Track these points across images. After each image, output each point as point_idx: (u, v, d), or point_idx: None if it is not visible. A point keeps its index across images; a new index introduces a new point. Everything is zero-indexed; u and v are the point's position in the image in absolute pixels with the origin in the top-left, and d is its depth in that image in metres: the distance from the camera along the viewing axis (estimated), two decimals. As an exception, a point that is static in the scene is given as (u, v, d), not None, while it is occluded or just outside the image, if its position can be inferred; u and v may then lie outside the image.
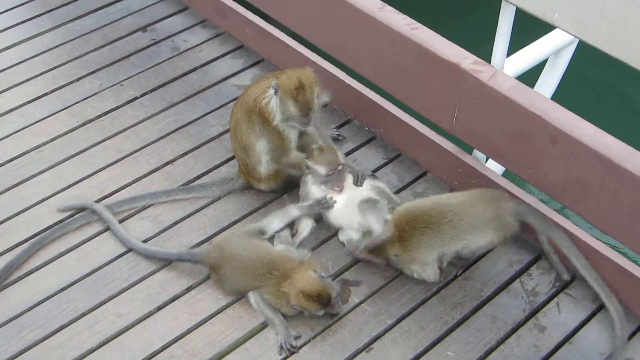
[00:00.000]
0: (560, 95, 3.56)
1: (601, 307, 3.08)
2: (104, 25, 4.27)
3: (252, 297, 2.97)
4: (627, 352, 2.91)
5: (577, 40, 3.63)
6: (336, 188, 3.19)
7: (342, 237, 3.24)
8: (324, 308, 2.89)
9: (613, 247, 3.05)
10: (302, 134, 3.29)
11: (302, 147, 3.30)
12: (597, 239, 3.04)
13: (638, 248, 2.89)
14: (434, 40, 3.21)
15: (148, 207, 3.35)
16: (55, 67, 4.00)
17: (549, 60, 3.69)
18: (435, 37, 3.22)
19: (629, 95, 5.50)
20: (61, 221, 3.27)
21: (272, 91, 3.09)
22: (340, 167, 3.18)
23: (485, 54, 3.22)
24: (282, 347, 2.89)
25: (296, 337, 2.91)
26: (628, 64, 2.64)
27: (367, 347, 2.91)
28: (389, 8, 3.33)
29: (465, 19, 5.21)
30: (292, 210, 3.22)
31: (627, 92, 5.50)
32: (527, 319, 3.04)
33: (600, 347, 2.94)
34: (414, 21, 3.28)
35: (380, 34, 3.33)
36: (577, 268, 3.06)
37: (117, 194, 3.40)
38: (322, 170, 3.17)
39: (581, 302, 3.10)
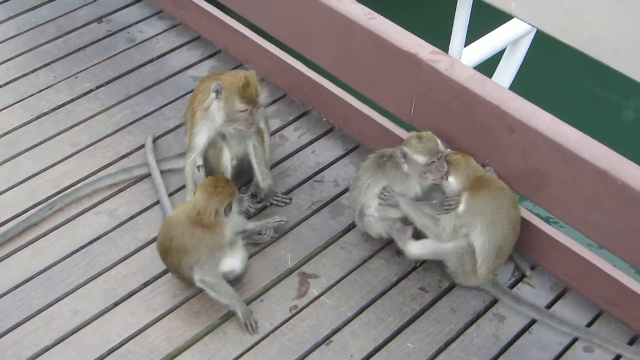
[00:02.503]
0: (518, 85, 3.55)
1: (560, 296, 3.11)
2: (59, 16, 4.19)
3: (197, 277, 2.86)
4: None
5: (535, 30, 3.63)
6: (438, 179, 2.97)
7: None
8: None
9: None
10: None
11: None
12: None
13: (594, 236, 2.92)
14: (391, 31, 3.19)
15: (103, 201, 3.29)
16: (8, 59, 3.92)
17: (506, 50, 3.68)
18: (393, 28, 3.20)
19: (585, 84, 5.54)
20: (16, 216, 3.20)
21: (213, 94, 3.01)
22: (440, 155, 2.94)
23: (443, 44, 3.21)
24: (246, 325, 2.87)
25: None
26: (584, 53, 2.64)
27: (326, 340, 2.89)
28: (348, 1, 3.30)
29: (423, 9, 5.20)
30: None
31: (583, 81, 5.53)
32: (486, 309, 3.04)
33: (559, 337, 2.95)
34: (372, 11, 3.25)
35: (337, 24, 3.29)
36: None
37: (74, 187, 3.32)
38: (421, 159, 2.93)
39: (540, 291, 3.11)
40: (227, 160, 3.20)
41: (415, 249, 3.03)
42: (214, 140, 3.15)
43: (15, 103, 3.69)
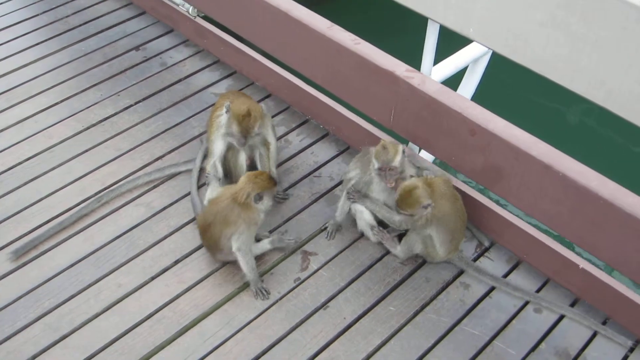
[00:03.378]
0: (479, 97, 3.53)
1: (514, 267, 3.10)
2: (104, 46, 4.14)
3: (235, 245, 2.86)
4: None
5: (491, 51, 3.61)
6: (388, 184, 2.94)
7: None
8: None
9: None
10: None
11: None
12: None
13: (541, 218, 2.87)
14: (373, 53, 3.15)
15: (141, 195, 3.28)
16: (63, 82, 3.88)
17: (468, 67, 3.64)
18: (375, 50, 3.16)
19: (533, 95, 5.53)
20: (70, 209, 3.19)
21: (224, 110, 3.02)
22: (389, 168, 2.90)
23: (416, 63, 3.18)
24: (256, 292, 2.88)
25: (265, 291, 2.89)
26: (531, 69, 2.62)
27: (324, 305, 2.88)
28: (337, 27, 3.25)
29: (400, 35, 5.16)
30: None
31: (533, 93, 5.52)
32: (454, 278, 3.02)
33: (513, 300, 2.94)
34: (358, 37, 3.21)
35: (330, 48, 3.25)
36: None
37: (117, 184, 3.30)
38: (375, 164, 2.93)
39: (498, 263, 3.09)
40: (242, 160, 3.19)
41: (401, 252, 3.04)
42: (231, 145, 3.15)
43: (69, 117, 3.65)
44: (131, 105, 3.76)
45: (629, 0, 2.24)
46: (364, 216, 3.10)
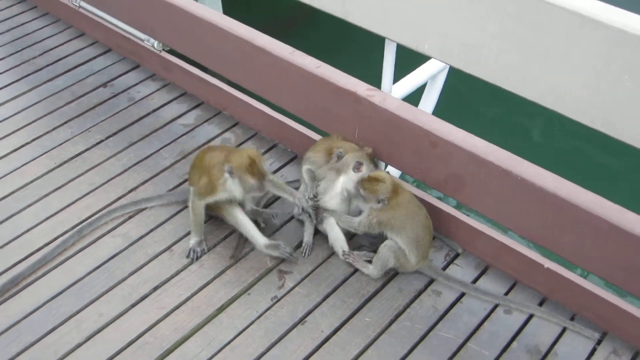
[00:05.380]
0: (440, 112, 3.66)
1: (483, 272, 3.22)
2: (72, 84, 4.23)
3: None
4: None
5: (448, 66, 3.77)
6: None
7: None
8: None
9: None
10: None
11: None
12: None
13: (507, 224, 3.01)
14: (335, 75, 3.27)
15: (118, 226, 3.35)
16: (33, 121, 3.95)
17: (427, 83, 3.79)
18: (336, 72, 3.28)
19: (489, 106, 5.75)
20: (48, 243, 3.23)
21: (227, 175, 3.05)
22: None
23: (377, 82, 3.31)
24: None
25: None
26: (485, 80, 2.76)
27: (301, 320, 2.95)
28: (298, 52, 3.38)
29: (359, 56, 5.31)
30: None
31: (488, 104, 5.72)
32: (425, 287, 3.12)
33: (484, 304, 3.05)
34: (319, 61, 3.34)
35: (292, 73, 3.37)
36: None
37: (94, 217, 3.36)
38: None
39: (466, 269, 3.21)
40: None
41: (374, 271, 3.13)
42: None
43: (41, 155, 3.71)
44: (102, 141, 3.84)
45: (572, 9, 2.39)
46: (334, 231, 3.20)
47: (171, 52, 4.21)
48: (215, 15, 3.62)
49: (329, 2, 3.08)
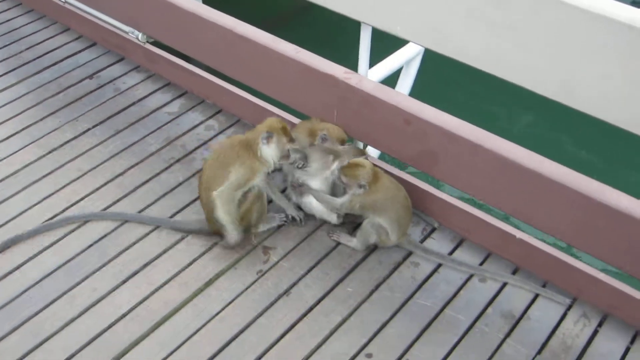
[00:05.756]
0: (415, 93, 3.80)
1: (458, 245, 3.37)
2: (58, 77, 4.33)
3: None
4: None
5: (422, 51, 3.93)
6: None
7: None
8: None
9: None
10: None
11: None
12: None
13: (477, 195, 3.14)
14: (314, 60, 3.40)
15: (106, 209, 3.45)
16: (22, 112, 4.05)
17: (403, 67, 3.94)
18: (315, 57, 3.41)
19: (464, 88, 5.99)
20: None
21: (264, 140, 3.11)
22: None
23: (354, 67, 3.46)
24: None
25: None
26: (455, 59, 2.92)
27: (286, 292, 3.08)
28: (278, 39, 3.51)
29: (337, 41, 5.45)
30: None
31: (463, 86, 5.96)
32: (404, 259, 3.27)
33: (459, 274, 3.20)
34: (299, 47, 3.48)
35: (274, 59, 3.51)
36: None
37: (82, 201, 3.49)
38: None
39: (442, 243, 3.36)
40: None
41: (358, 244, 3.28)
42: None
43: (31, 143, 3.82)
44: (89, 129, 3.95)
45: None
46: (314, 205, 3.35)
47: (155, 44, 4.33)
48: (198, 6, 3.74)
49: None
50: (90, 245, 3.27)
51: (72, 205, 3.47)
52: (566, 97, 2.69)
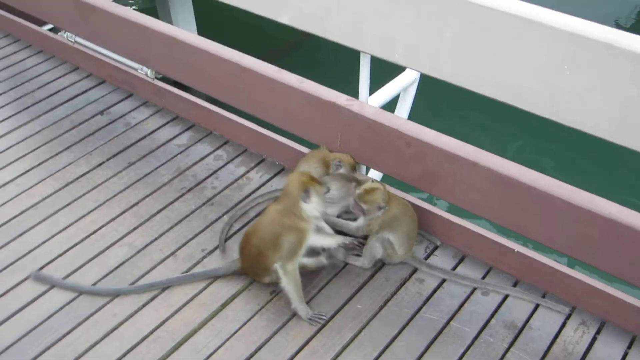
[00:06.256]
0: (413, 118, 4.00)
1: (460, 261, 3.52)
2: (71, 114, 4.51)
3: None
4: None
5: (419, 76, 4.14)
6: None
7: None
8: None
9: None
10: None
11: None
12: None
13: (476, 211, 3.31)
14: (317, 89, 3.60)
15: (123, 237, 3.60)
16: (37, 148, 4.21)
17: (401, 93, 4.14)
18: (318, 86, 3.61)
19: (458, 108, 6.21)
20: (59, 256, 3.48)
21: (303, 203, 3.14)
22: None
23: (355, 94, 3.65)
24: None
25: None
26: (450, 82, 3.12)
27: (299, 309, 3.25)
28: (283, 70, 3.71)
29: (338, 71, 5.65)
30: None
31: (457, 108, 6.17)
32: (410, 275, 3.41)
33: (463, 288, 3.35)
34: (302, 77, 3.67)
35: (279, 90, 3.70)
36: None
37: (101, 230, 3.64)
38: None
39: (445, 259, 3.51)
40: None
41: (366, 262, 3.43)
42: None
43: (47, 177, 3.98)
44: (103, 162, 4.12)
45: (516, 13, 2.77)
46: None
47: (162, 79, 4.52)
48: (204, 41, 3.95)
49: (310, 23, 3.42)
50: (109, 273, 3.42)
51: (91, 234, 3.62)
52: (551, 112, 2.90)
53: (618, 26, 8.04)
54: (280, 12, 3.49)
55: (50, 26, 5.46)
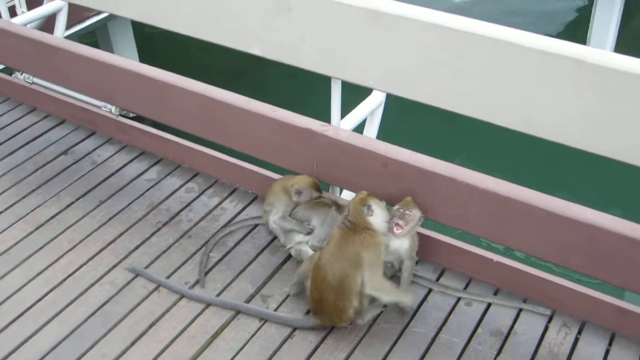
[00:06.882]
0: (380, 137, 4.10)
1: (440, 275, 3.61)
2: (33, 156, 4.44)
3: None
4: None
5: (384, 99, 4.26)
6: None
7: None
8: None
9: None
10: None
11: None
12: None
13: (454, 224, 3.40)
14: (290, 117, 3.66)
15: (103, 276, 3.56)
16: (3, 192, 4.14)
17: (368, 116, 4.25)
18: (291, 114, 3.67)
19: (426, 126, 6.37)
20: (39, 300, 3.42)
21: (366, 211, 3.22)
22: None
23: (327, 119, 3.73)
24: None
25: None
26: (422, 102, 3.23)
27: (290, 335, 3.26)
28: (254, 100, 3.77)
29: (309, 98, 5.74)
30: None
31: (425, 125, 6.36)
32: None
33: (447, 300, 3.44)
34: (274, 106, 3.73)
35: (250, 120, 3.74)
36: None
37: (79, 270, 3.59)
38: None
39: (425, 274, 3.59)
40: None
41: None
42: None
43: (17, 221, 3.90)
44: (73, 202, 4.06)
45: (485, 34, 2.91)
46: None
47: (125, 115, 4.51)
48: (173, 76, 3.95)
49: (283, 54, 3.49)
50: (94, 313, 3.37)
51: (69, 275, 3.57)
52: (527, 127, 3.04)
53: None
54: (252, 44, 3.54)
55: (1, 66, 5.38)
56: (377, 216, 3.24)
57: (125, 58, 4.17)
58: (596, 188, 6.34)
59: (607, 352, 3.23)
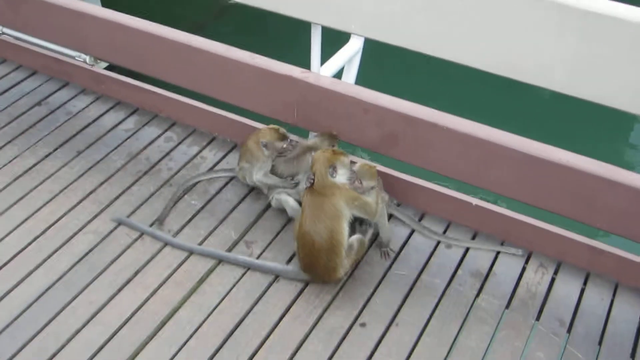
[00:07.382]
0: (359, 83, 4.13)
1: (420, 218, 3.70)
2: (6, 107, 4.37)
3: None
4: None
5: (361, 47, 4.27)
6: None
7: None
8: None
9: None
10: None
11: None
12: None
13: (435, 169, 3.44)
14: (269, 63, 3.64)
15: (86, 225, 3.57)
16: (-23, 145, 4.08)
17: (346, 63, 4.26)
18: (271, 61, 3.65)
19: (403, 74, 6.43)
20: (21, 251, 3.41)
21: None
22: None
23: (307, 66, 3.73)
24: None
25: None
26: (403, 47, 3.25)
27: (275, 279, 3.33)
28: (233, 48, 3.73)
29: (290, 44, 5.66)
30: None
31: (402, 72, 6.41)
32: (377, 235, 3.54)
33: (428, 242, 3.53)
34: (254, 53, 3.71)
35: (230, 68, 3.72)
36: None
37: (62, 219, 3.59)
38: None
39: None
40: None
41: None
42: None
43: (-6, 173, 3.86)
44: (51, 153, 4.03)
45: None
46: (290, 204, 3.60)
47: (100, 64, 4.46)
48: (150, 24, 3.87)
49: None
50: (79, 261, 3.38)
51: (52, 225, 3.56)
52: (508, 70, 3.10)
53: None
54: (232, -11, 3.53)
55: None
56: (341, 176, 3.29)
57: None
58: (578, 132, 6.47)
59: (582, 291, 3.35)
